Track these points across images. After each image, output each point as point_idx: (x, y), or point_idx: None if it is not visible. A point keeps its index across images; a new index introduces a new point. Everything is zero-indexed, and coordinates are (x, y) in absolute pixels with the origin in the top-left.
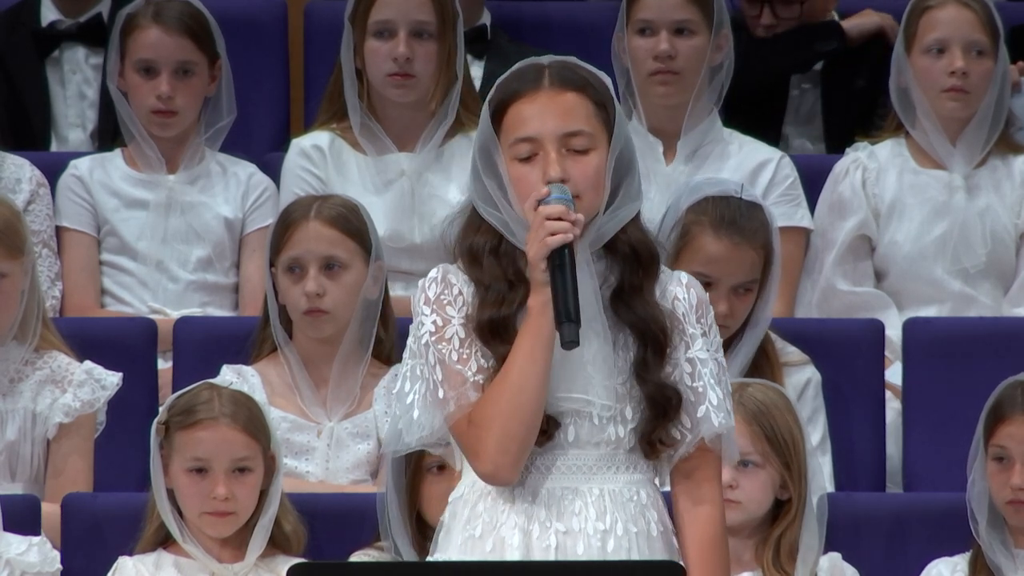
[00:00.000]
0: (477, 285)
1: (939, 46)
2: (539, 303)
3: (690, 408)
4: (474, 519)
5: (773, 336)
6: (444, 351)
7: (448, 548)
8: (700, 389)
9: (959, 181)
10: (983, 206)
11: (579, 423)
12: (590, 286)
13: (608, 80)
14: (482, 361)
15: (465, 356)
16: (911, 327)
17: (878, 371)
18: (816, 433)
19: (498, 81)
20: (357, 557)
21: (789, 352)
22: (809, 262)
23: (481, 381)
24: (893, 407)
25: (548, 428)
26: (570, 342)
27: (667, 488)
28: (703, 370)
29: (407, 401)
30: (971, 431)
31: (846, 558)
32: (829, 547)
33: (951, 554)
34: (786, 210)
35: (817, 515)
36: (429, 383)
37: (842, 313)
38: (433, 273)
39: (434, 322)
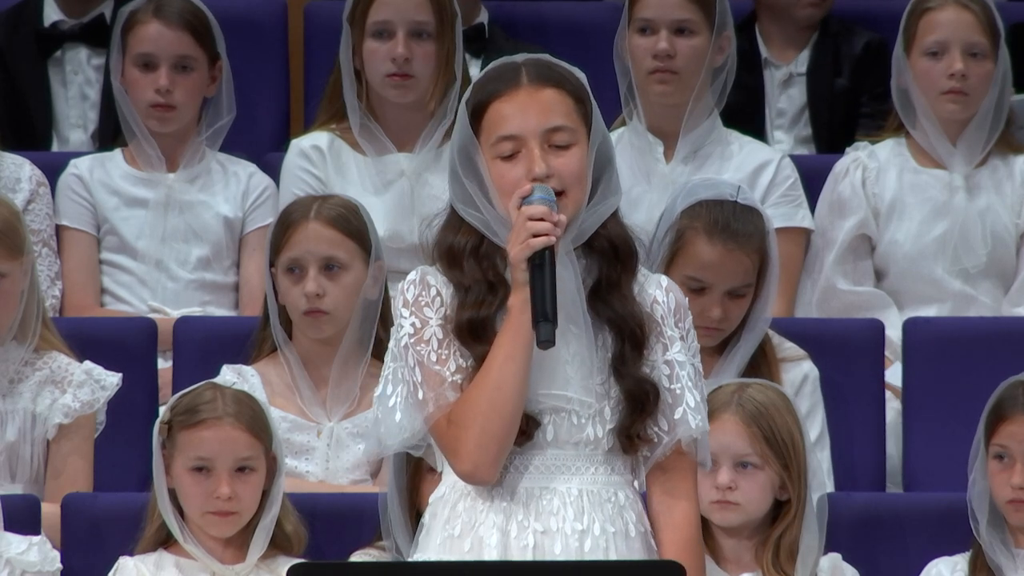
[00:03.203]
0: (456, 286)
1: (938, 48)
2: (519, 302)
3: (667, 410)
4: (453, 519)
5: (770, 332)
6: (423, 352)
7: (428, 548)
8: (678, 391)
9: (959, 181)
10: (983, 206)
11: (558, 422)
12: (573, 284)
13: (583, 76)
14: (460, 361)
15: (444, 357)
16: (911, 327)
17: (878, 371)
18: (814, 428)
19: (474, 82)
20: (357, 557)
21: (786, 348)
22: (809, 262)
23: (460, 381)
24: (893, 407)
25: (528, 428)
26: (545, 341)
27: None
28: (681, 372)
29: (389, 404)
30: (971, 431)
31: (846, 558)
32: (829, 547)
33: (951, 554)
34: (787, 211)
35: (817, 515)
36: (410, 385)
37: (842, 313)
38: (411, 275)
39: (413, 324)
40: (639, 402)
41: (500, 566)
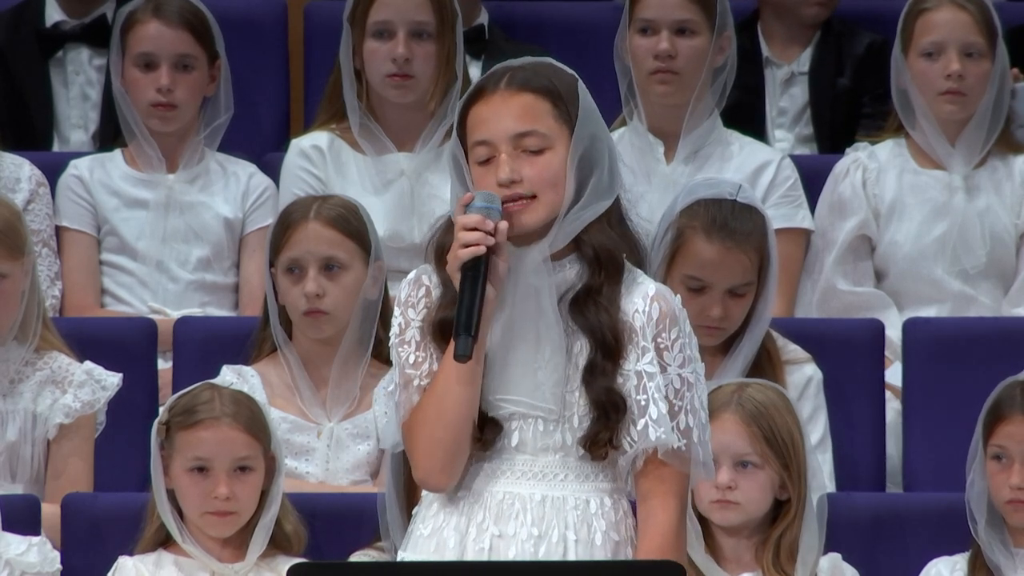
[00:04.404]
0: (443, 286)
1: (934, 49)
2: None
3: (634, 420)
4: (427, 519)
5: (775, 334)
6: (403, 354)
7: (405, 548)
8: (643, 402)
9: (959, 181)
10: (983, 206)
11: (524, 428)
12: (545, 290)
13: (574, 79)
14: (434, 365)
15: (420, 359)
16: (911, 327)
17: (878, 371)
18: (817, 431)
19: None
20: (357, 557)
21: (791, 350)
22: (809, 262)
23: (426, 385)
24: (893, 407)
25: (484, 433)
26: (461, 355)
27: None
28: (649, 384)
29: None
30: (971, 431)
31: (846, 558)
32: (829, 547)
33: (951, 554)
34: (787, 211)
35: (817, 515)
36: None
37: (842, 313)
38: (410, 275)
39: (399, 324)
40: (604, 411)
41: (500, 566)
